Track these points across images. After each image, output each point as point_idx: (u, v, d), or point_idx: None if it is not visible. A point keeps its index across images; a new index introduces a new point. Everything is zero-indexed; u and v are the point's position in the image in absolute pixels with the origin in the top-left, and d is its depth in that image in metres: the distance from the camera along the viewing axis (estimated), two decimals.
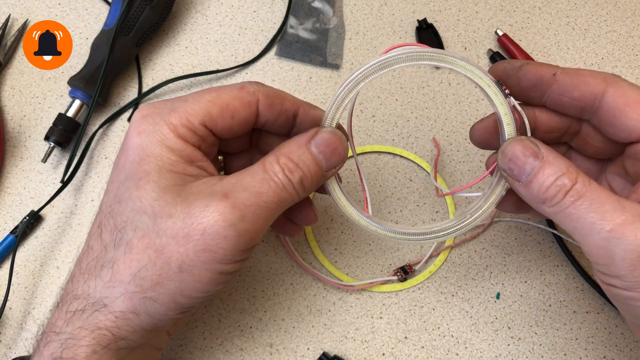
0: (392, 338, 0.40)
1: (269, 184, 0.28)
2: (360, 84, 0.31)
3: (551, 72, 0.31)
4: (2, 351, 0.39)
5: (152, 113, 0.29)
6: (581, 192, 0.27)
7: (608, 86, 0.30)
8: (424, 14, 0.50)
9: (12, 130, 0.45)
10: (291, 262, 0.42)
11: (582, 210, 0.27)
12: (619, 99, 0.30)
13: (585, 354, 0.40)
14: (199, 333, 0.40)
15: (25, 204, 0.43)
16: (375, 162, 0.45)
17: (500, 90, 0.31)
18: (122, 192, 0.29)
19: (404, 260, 0.42)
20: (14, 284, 0.40)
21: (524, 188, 0.29)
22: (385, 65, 0.30)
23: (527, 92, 0.32)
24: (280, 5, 0.50)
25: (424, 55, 0.30)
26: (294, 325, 0.40)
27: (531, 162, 0.28)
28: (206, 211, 0.27)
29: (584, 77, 0.31)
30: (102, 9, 0.49)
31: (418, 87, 0.48)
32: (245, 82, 0.31)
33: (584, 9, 0.51)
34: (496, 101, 0.31)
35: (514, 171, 0.29)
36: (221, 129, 0.30)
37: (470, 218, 0.33)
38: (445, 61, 0.30)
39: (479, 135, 0.35)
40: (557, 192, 0.27)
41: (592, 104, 0.31)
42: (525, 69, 0.32)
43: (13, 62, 0.47)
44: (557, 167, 0.28)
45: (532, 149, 0.29)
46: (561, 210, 0.28)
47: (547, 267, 0.42)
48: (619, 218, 0.26)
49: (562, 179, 0.27)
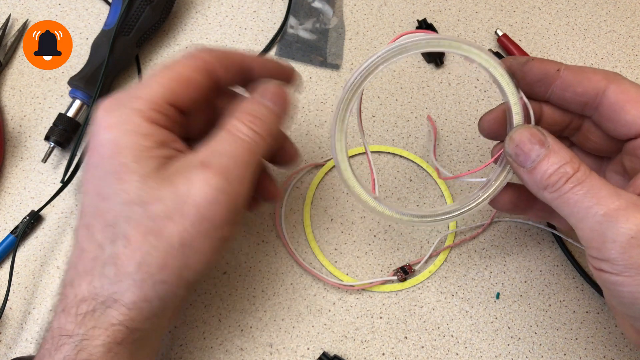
0: (392, 338, 0.40)
1: (241, 143, 0.30)
2: (379, 67, 0.31)
3: (555, 68, 0.32)
4: (3, 351, 0.39)
5: (115, 105, 0.29)
6: (581, 179, 0.28)
7: (609, 83, 0.31)
8: (423, 14, 0.50)
9: (12, 130, 0.45)
10: (291, 262, 0.42)
11: (579, 195, 0.28)
12: (619, 96, 0.31)
13: (585, 354, 0.40)
14: (199, 333, 0.40)
15: (26, 204, 0.43)
16: (375, 162, 0.45)
17: (512, 81, 0.32)
18: (104, 189, 0.29)
19: (404, 260, 0.42)
20: (14, 284, 0.40)
21: (527, 174, 0.30)
22: (403, 50, 0.30)
23: (531, 87, 0.33)
24: (280, 5, 0.50)
25: (441, 42, 0.31)
26: (294, 325, 0.40)
27: (537, 149, 0.29)
28: (192, 184, 0.28)
29: (586, 74, 0.32)
30: (102, 9, 0.49)
31: (418, 87, 0.48)
32: (195, 51, 0.32)
33: (584, 9, 0.51)
34: (507, 91, 0.32)
35: (520, 157, 0.30)
36: (187, 102, 0.31)
37: (474, 203, 0.34)
38: (461, 49, 0.31)
39: (488, 126, 0.35)
40: (559, 179, 0.29)
41: (593, 100, 0.32)
42: (530, 64, 0.33)
43: (13, 62, 0.47)
44: (561, 156, 0.29)
45: (539, 137, 0.30)
46: (561, 195, 0.29)
47: (547, 267, 0.42)
48: (613, 204, 0.27)
49: (565, 167, 0.29)
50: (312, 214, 0.43)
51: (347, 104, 0.32)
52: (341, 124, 0.32)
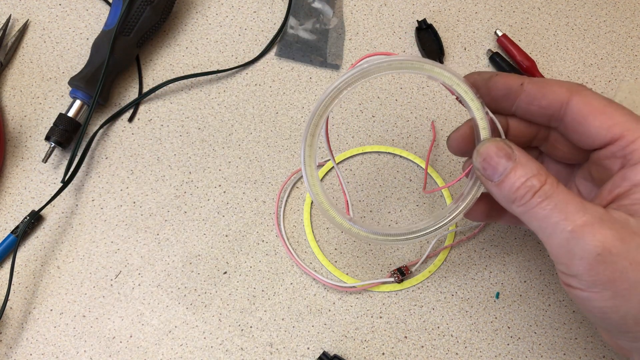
0: (392, 337, 0.40)
1: None
2: (342, 92, 0.31)
3: (519, 83, 0.32)
4: (3, 351, 0.39)
5: None
6: (548, 193, 0.28)
7: (573, 95, 0.31)
8: (423, 14, 0.51)
9: (12, 130, 0.45)
10: (291, 262, 0.42)
11: (547, 210, 0.28)
12: (582, 107, 0.30)
13: (585, 354, 0.40)
14: (200, 332, 0.40)
15: (26, 203, 0.43)
16: (375, 162, 0.45)
17: (476, 96, 0.32)
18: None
19: (404, 260, 0.42)
20: (15, 284, 0.40)
21: (495, 187, 0.30)
22: (365, 74, 0.30)
23: (497, 102, 0.33)
24: (280, 5, 0.51)
25: (404, 63, 0.30)
26: (294, 324, 0.40)
27: (504, 162, 0.29)
28: None
29: (550, 87, 0.32)
30: (102, 10, 0.49)
31: (418, 88, 0.48)
32: None
33: (583, 9, 0.51)
34: (472, 107, 0.32)
35: (487, 170, 0.30)
36: None
37: (448, 218, 0.34)
38: (423, 69, 0.31)
39: (456, 143, 0.35)
40: (526, 193, 0.28)
41: (558, 112, 0.32)
42: (494, 79, 0.33)
43: (14, 62, 0.47)
44: (528, 169, 0.29)
45: (505, 150, 0.30)
46: (528, 209, 0.28)
47: (547, 267, 0.42)
48: (580, 219, 0.27)
49: (532, 180, 0.28)
50: (312, 214, 0.43)
51: (314, 129, 0.32)
52: (309, 149, 0.32)
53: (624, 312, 0.27)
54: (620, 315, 0.27)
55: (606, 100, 0.30)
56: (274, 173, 0.44)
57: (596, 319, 0.29)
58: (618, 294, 0.27)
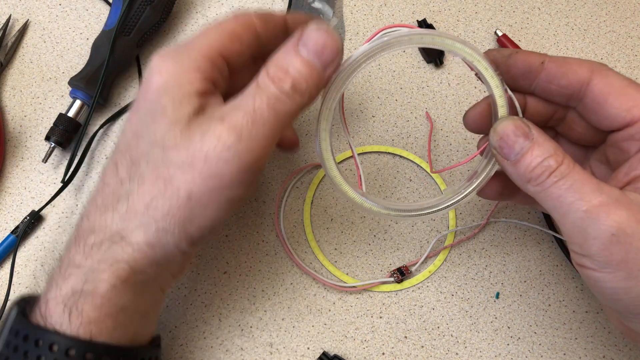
0: (392, 337, 0.40)
1: (261, 98, 0.28)
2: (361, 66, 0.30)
3: (539, 61, 0.32)
4: None
5: (171, 53, 0.29)
6: (564, 173, 0.28)
7: (594, 74, 0.31)
8: (423, 14, 0.50)
9: (12, 130, 0.45)
10: (291, 262, 0.42)
11: (562, 189, 0.28)
12: (603, 88, 0.30)
13: (585, 354, 0.40)
14: (200, 332, 0.40)
15: (26, 204, 0.43)
16: (375, 162, 0.45)
17: (496, 73, 0.31)
18: (140, 127, 0.29)
19: (404, 260, 0.42)
20: (15, 284, 0.40)
21: (511, 166, 0.30)
22: (386, 47, 0.30)
23: (516, 80, 0.33)
24: (280, 5, 0.51)
25: (424, 37, 0.30)
26: (294, 324, 0.40)
27: (521, 142, 0.29)
28: (205, 137, 0.27)
29: (570, 66, 0.31)
30: (102, 10, 0.49)
31: (418, 87, 0.48)
32: (236, 12, 0.32)
33: (583, 9, 0.51)
34: (492, 83, 0.31)
35: (504, 149, 0.30)
36: (235, 55, 0.30)
37: (461, 195, 0.33)
38: (444, 44, 0.30)
39: (473, 120, 0.35)
40: (543, 172, 0.28)
41: (578, 92, 0.31)
42: (514, 57, 0.32)
43: (14, 62, 0.47)
44: (545, 149, 0.29)
45: (523, 129, 0.29)
46: (544, 189, 0.28)
47: (547, 267, 0.42)
48: (596, 199, 0.27)
49: (549, 160, 0.28)
50: (312, 214, 0.43)
51: (331, 102, 0.31)
52: (325, 124, 0.32)
53: (636, 293, 0.27)
54: (632, 297, 0.27)
55: (628, 80, 0.30)
56: (274, 173, 0.44)
57: (608, 300, 0.29)
58: (631, 274, 0.27)
